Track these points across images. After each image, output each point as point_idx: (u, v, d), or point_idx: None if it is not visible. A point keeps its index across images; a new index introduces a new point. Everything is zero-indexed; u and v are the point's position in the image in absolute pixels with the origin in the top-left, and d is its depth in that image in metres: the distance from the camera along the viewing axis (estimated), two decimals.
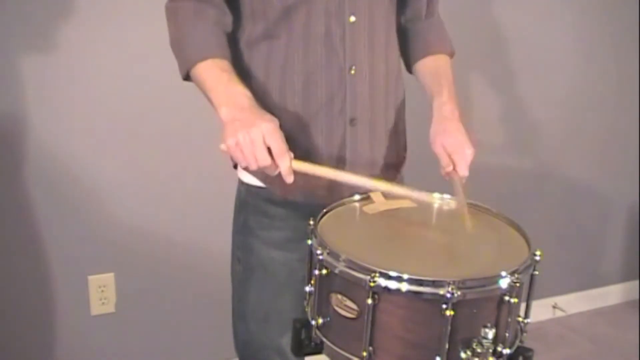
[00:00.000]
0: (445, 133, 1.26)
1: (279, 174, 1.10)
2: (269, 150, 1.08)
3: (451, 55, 1.41)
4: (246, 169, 1.13)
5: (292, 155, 1.10)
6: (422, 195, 1.20)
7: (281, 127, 1.11)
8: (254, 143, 1.06)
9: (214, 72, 1.16)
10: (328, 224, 1.12)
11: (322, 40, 1.22)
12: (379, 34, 1.28)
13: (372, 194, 1.23)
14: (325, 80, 1.23)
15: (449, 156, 1.25)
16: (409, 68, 1.43)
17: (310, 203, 1.24)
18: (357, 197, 1.23)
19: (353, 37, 1.23)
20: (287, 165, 1.08)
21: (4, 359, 1.94)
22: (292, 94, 1.23)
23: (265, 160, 1.07)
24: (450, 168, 1.25)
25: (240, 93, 1.13)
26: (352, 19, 1.23)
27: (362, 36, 1.25)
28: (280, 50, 1.23)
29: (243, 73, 1.24)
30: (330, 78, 1.23)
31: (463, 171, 1.24)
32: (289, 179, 1.09)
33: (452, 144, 1.25)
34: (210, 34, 1.20)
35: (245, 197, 1.34)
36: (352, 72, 1.24)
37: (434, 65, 1.38)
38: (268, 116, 1.11)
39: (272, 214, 1.31)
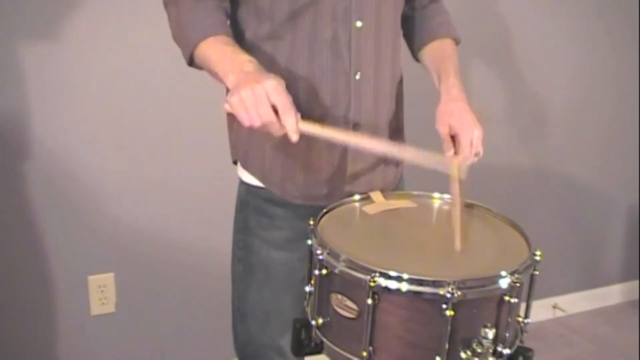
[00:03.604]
0: (452, 114, 1.22)
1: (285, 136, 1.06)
2: (274, 109, 1.04)
3: (457, 41, 1.40)
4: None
5: (299, 114, 1.06)
6: (428, 157, 1.13)
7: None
8: (258, 99, 1.03)
9: (218, 47, 1.15)
10: (328, 224, 1.13)
11: (328, 45, 1.21)
12: (385, 40, 1.27)
13: (372, 194, 1.24)
14: (330, 85, 1.22)
15: (454, 137, 1.20)
16: (415, 54, 1.42)
17: (310, 205, 1.24)
18: (357, 197, 1.23)
19: (359, 42, 1.23)
20: (293, 121, 1.04)
21: (4, 359, 1.94)
22: (295, 98, 1.22)
23: (268, 116, 1.03)
24: (452, 153, 1.20)
25: (246, 60, 1.11)
26: (359, 24, 1.22)
27: (368, 41, 1.24)
28: (285, 52, 1.22)
29: None
30: (335, 83, 1.23)
31: (465, 152, 1.19)
32: (295, 137, 1.05)
33: (459, 125, 1.20)
34: (211, 15, 1.19)
35: (246, 196, 1.34)
36: (357, 77, 1.23)
37: (440, 50, 1.37)
38: (273, 75, 1.08)
39: (272, 213, 1.31)
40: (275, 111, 1.04)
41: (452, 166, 1.18)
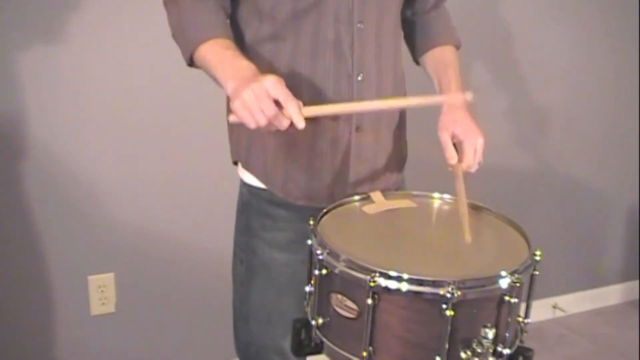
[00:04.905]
0: (456, 122, 1.24)
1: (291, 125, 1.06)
2: (277, 103, 1.04)
3: (458, 46, 1.41)
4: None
5: (300, 102, 1.06)
6: (430, 99, 1.18)
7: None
8: (258, 96, 1.03)
9: (218, 51, 1.15)
10: (328, 224, 1.13)
11: (331, 46, 1.21)
12: (387, 41, 1.27)
13: (372, 194, 1.24)
14: (332, 86, 1.22)
15: (457, 146, 1.22)
16: (415, 59, 1.43)
17: (312, 206, 1.24)
18: (357, 197, 1.23)
19: (361, 43, 1.23)
20: (297, 109, 1.04)
21: (4, 359, 1.94)
22: (297, 99, 1.22)
23: (271, 110, 1.03)
24: (455, 160, 1.22)
25: (246, 67, 1.11)
26: (360, 25, 1.22)
27: (370, 43, 1.24)
28: (287, 53, 1.21)
29: None
30: (338, 84, 1.22)
31: (470, 160, 1.22)
32: (300, 124, 1.05)
33: (462, 132, 1.22)
34: (212, 16, 1.19)
35: (248, 198, 1.34)
36: (359, 79, 1.23)
37: (441, 57, 1.38)
38: (270, 74, 1.08)
39: (275, 215, 1.30)
40: (278, 105, 1.04)
41: (457, 171, 1.21)
